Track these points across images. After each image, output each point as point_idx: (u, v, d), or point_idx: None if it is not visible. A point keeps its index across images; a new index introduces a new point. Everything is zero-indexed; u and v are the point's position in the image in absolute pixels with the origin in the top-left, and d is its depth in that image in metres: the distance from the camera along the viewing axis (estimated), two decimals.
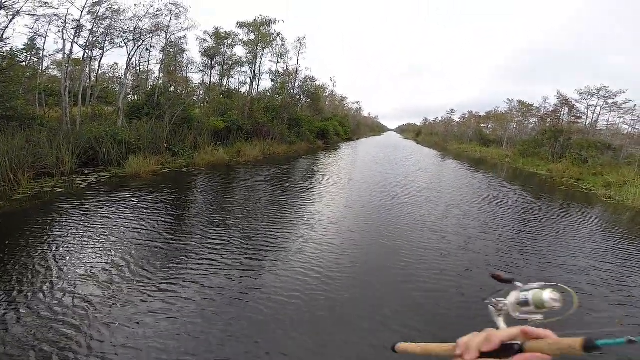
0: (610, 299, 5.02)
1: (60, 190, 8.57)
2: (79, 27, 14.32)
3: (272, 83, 27.88)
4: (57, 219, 6.49)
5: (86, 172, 10.74)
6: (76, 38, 14.74)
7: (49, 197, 7.89)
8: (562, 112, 28.34)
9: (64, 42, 13.86)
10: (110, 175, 10.51)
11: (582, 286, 5.34)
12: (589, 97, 27.15)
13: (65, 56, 14.10)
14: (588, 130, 26.89)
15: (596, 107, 27.47)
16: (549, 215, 9.82)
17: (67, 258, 4.92)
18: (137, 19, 16.19)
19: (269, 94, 27.32)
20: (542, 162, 23.19)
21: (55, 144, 10.25)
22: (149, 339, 3.40)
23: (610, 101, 26.72)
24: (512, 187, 14.70)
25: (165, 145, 14.32)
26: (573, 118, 27.59)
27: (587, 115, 28.07)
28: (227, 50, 24.61)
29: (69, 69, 14.88)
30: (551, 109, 30.19)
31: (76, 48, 15.07)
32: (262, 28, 23.48)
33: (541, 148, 25.35)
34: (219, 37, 23.58)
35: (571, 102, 27.26)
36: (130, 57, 16.79)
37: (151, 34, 17.30)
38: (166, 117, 14.60)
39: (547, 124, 28.34)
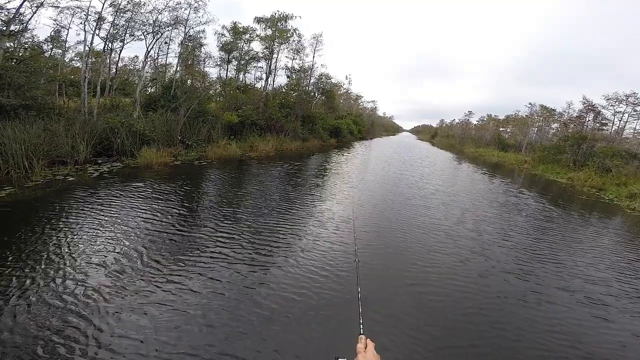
0: (630, 310, 4.84)
1: (72, 179, 8.69)
2: (100, 19, 14.53)
3: (288, 79, 27.86)
4: (67, 207, 6.54)
5: (100, 161, 10.89)
6: (97, 30, 14.99)
7: (60, 186, 8.00)
8: (587, 118, 27.24)
9: (85, 33, 14.09)
10: (122, 166, 10.63)
11: (601, 297, 5.15)
12: (617, 103, 26.04)
13: (86, 48, 14.34)
14: (613, 138, 25.77)
15: (624, 114, 26.35)
16: (569, 226, 9.38)
17: (76, 247, 4.94)
18: (156, 11, 16.33)
19: (284, 90, 27.27)
20: (563, 169, 22.35)
21: (71, 134, 10.41)
22: (155, 330, 3.39)
23: (638, 108, 25.58)
24: (530, 194, 14.19)
25: (179, 137, 14.42)
26: (598, 125, 26.49)
27: (613, 122, 26.95)
28: (244, 45, 24.67)
29: (90, 60, 15.15)
30: (575, 114, 29.09)
31: (97, 40, 15.35)
32: (279, 24, 23.41)
33: (562, 155, 24.42)
34: (237, 32, 23.64)
35: (597, 108, 26.17)
36: (149, 49, 16.97)
37: (170, 27, 17.44)
38: (181, 110, 14.67)
39: (570, 130, 27.31)
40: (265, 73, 25.48)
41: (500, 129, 46.21)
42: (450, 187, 13.70)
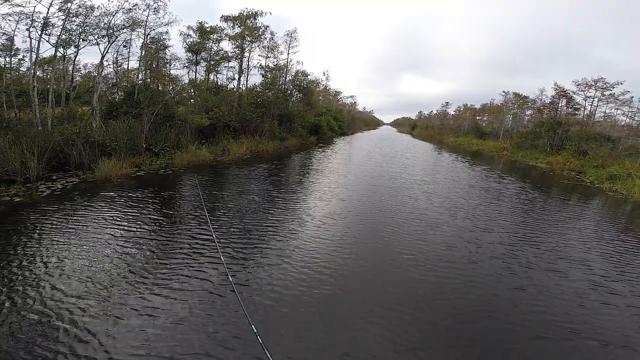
0: (617, 290, 4.98)
1: (19, 199, 7.75)
2: (46, 25, 13.32)
3: (262, 78, 26.96)
4: (6, 235, 5.68)
5: (54, 177, 9.89)
6: (47, 36, 13.76)
7: (3, 209, 7.08)
8: (560, 104, 27.65)
9: (30, 40, 12.90)
10: (78, 181, 9.67)
11: (589, 277, 5.28)
12: (586, 88, 26.48)
13: (33, 55, 13.15)
14: (586, 122, 26.25)
15: (593, 98, 26.84)
16: (554, 210, 9.21)
17: (15, 279, 4.17)
18: (110, 14, 15.17)
19: (259, 89, 26.38)
20: (541, 154, 22.58)
21: (19, 148, 9.39)
22: (146, 332, 3.44)
23: (607, 93, 26.07)
24: (511, 180, 14.10)
25: (145, 145, 13.48)
26: (571, 109, 26.91)
27: (584, 107, 27.44)
28: (213, 45, 23.62)
29: (42, 68, 13.95)
30: (548, 100, 29.50)
31: (47, 46, 14.13)
32: (248, 21, 22.49)
33: (539, 140, 24.71)
34: (204, 31, 22.59)
35: (569, 93, 26.55)
36: (104, 54, 15.80)
37: (126, 29, 16.29)
38: (145, 116, 13.71)
39: (544, 116, 27.69)
40: (238, 73, 24.54)
41: (477, 118, 46.76)
42: (433, 178, 13.48)
